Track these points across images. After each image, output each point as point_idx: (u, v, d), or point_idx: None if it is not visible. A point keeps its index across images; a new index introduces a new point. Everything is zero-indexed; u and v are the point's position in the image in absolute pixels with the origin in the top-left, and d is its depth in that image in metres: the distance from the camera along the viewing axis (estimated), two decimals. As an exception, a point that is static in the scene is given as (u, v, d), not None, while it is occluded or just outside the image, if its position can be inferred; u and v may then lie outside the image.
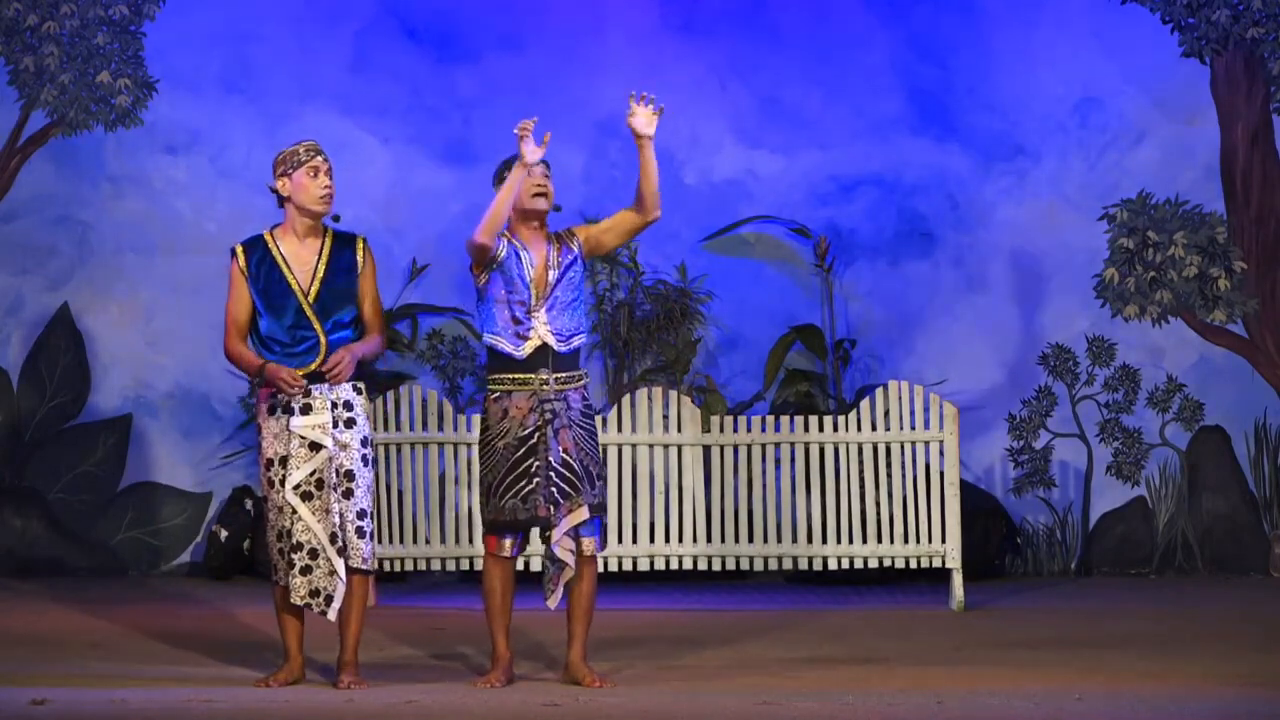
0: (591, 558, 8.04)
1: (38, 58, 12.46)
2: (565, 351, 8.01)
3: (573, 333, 8.04)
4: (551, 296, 8.01)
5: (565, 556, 7.98)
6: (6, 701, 7.46)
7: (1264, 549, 12.23)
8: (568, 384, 8.00)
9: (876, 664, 8.65)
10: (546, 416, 7.95)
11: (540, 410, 7.96)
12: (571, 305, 8.05)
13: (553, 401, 7.97)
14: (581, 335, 8.08)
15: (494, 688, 7.92)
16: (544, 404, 7.96)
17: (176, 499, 12.41)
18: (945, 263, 12.49)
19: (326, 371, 7.97)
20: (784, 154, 12.53)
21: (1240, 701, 7.53)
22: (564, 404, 7.98)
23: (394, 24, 12.57)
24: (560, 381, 7.98)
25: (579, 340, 8.07)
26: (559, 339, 8.00)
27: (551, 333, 7.99)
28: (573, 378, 8.02)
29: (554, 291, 8.01)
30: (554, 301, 8.01)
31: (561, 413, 7.97)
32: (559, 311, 8.01)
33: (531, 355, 7.98)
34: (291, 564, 7.93)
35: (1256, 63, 12.36)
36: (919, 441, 10.74)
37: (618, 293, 12.37)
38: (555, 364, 7.99)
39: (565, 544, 7.98)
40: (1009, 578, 12.11)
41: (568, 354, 8.02)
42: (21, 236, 12.50)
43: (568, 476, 7.95)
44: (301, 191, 8.06)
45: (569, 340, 8.02)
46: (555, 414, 7.96)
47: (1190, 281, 12.31)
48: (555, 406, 7.97)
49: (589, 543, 8.02)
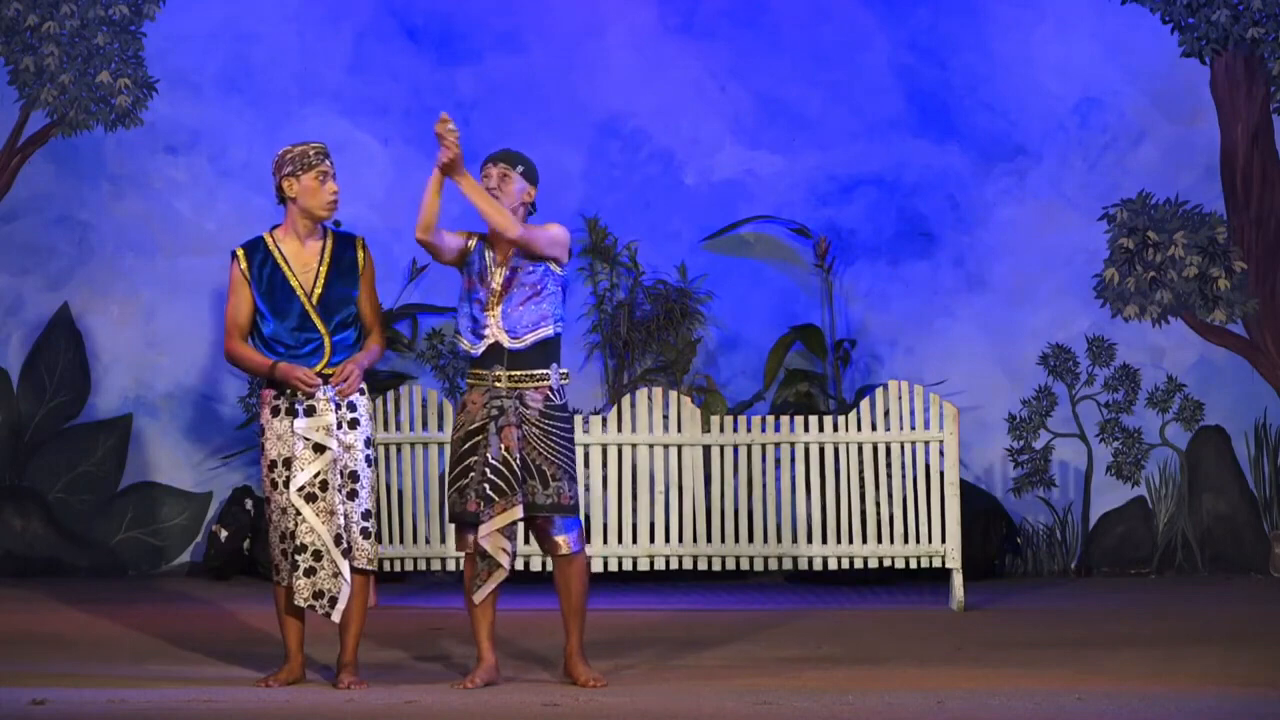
0: (568, 557, 8.02)
1: (38, 58, 12.46)
2: (520, 349, 7.97)
3: (530, 327, 7.98)
4: (506, 294, 8.00)
5: (497, 555, 7.95)
6: (6, 701, 7.46)
7: (1264, 549, 12.23)
8: (523, 383, 7.98)
9: (876, 664, 8.65)
10: (492, 413, 7.96)
11: (489, 407, 7.97)
12: (532, 300, 8.00)
13: (502, 399, 7.97)
14: (544, 328, 8.00)
15: (469, 689, 7.89)
16: (493, 400, 7.97)
17: (176, 499, 12.42)
18: (945, 263, 12.49)
19: (335, 385, 7.97)
20: (784, 154, 12.53)
21: (1240, 701, 7.53)
22: (516, 402, 7.97)
23: (394, 24, 12.58)
24: (513, 380, 7.97)
25: (540, 334, 7.98)
26: (512, 336, 7.97)
27: (504, 330, 7.98)
28: (530, 376, 7.99)
29: (508, 289, 8.00)
30: (509, 299, 8.00)
31: (510, 410, 7.95)
32: (514, 307, 7.99)
33: (486, 353, 7.99)
34: (295, 565, 7.93)
35: (1256, 63, 12.37)
36: (919, 441, 10.74)
37: (618, 293, 12.38)
38: (509, 362, 7.98)
39: (497, 542, 7.94)
40: (1009, 578, 12.11)
41: (524, 350, 7.97)
42: (21, 236, 12.51)
43: (503, 474, 7.92)
44: (310, 195, 8.05)
45: (523, 336, 7.97)
46: (502, 410, 7.95)
47: (1190, 281, 12.31)
48: (504, 404, 7.96)
49: (562, 541, 8.01)
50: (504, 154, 8.13)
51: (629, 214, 12.44)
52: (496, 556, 7.97)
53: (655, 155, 12.56)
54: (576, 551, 8.04)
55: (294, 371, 7.95)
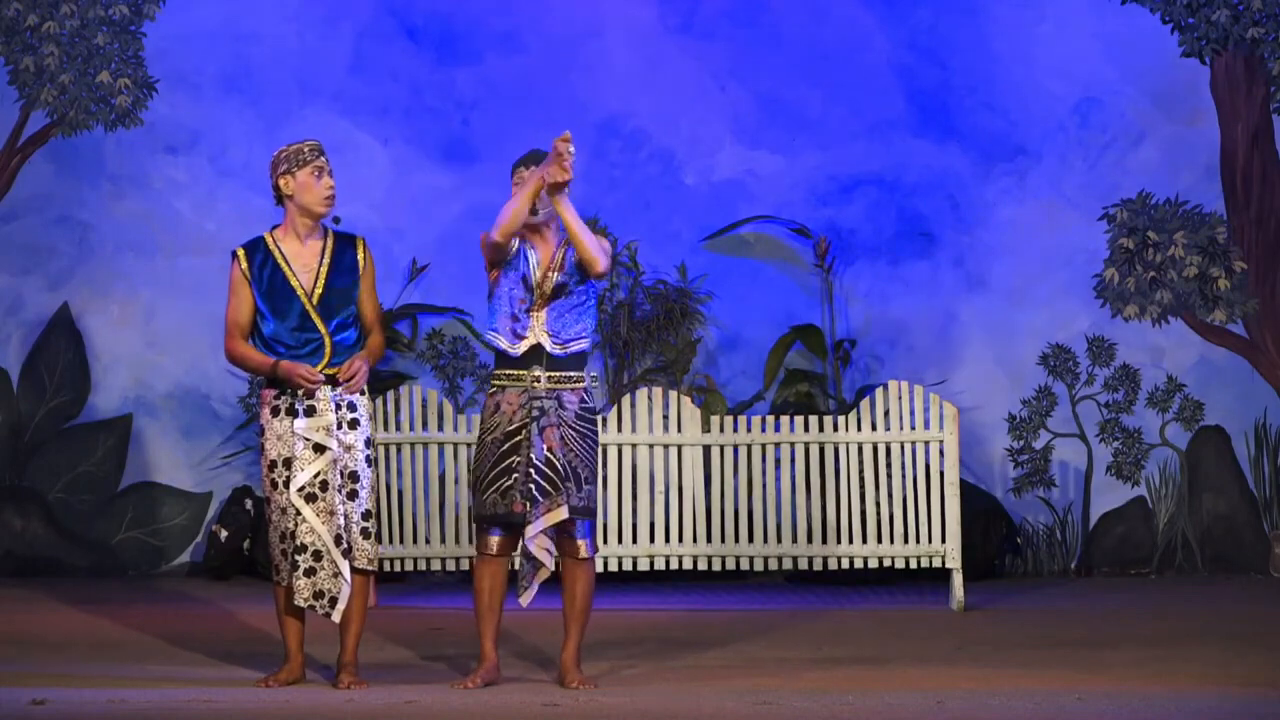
0: (585, 560, 8.02)
1: (38, 58, 12.46)
2: (560, 355, 7.98)
3: (572, 338, 7.99)
4: (553, 299, 7.99)
5: (541, 556, 7.94)
6: (6, 701, 7.46)
7: (1264, 549, 12.23)
8: (562, 384, 7.97)
9: (876, 664, 8.65)
10: (534, 414, 7.94)
11: (529, 407, 7.95)
12: (576, 310, 8.00)
13: (543, 399, 7.94)
14: (583, 341, 8.01)
15: (470, 689, 7.88)
16: (533, 401, 7.95)
17: (176, 499, 12.42)
18: (945, 263, 12.49)
19: (343, 380, 7.97)
20: (784, 154, 12.53)
21: (1240, 701, 7.53)
22: (555, 403, 7.95)
23: (394, 24, 12.57)
24: (553, 380, 7.96)
25: (579, 346, 8.00)
26: (555, 341, 7.96)
27: (548, 334, 7.97)
28: (568, 378, 7.98)
29: (555, 294, 7.99)
30: (555, 304, 7.99)
31: (551, 411, 7.94)
32: (559, 314, 7.98)
33: (526, 353, 7.96)
34: (295, 566, 7.93)
35: (1256, 63, 12.37)
36: (919, 441, 10.74)
37: (618, 293, 12.37)
38: (549, 364, 7.96)
39: (541, 543, 7.92)
40: (1009, 578, 12.11)
41: (563, 357, 7.98)
42: (21, 236, 12.51)
43: (549, 475, 7.91)
44: (306, 192, 8.05)
45: (566, 344, 7.97)
46: (543, 411, 7.94)
47: (1190, 281, 12.31)
48: (545, 404, 7.94)
49: (583, 545, 8.00)
50: (534, 155, 8.11)
51: (629, 214, 12.43)
52: (540, 557, 7.94)
53: (655, 155, 12.56)
54: (592, 555, 8.04)
55: (296, 369, 7.94)
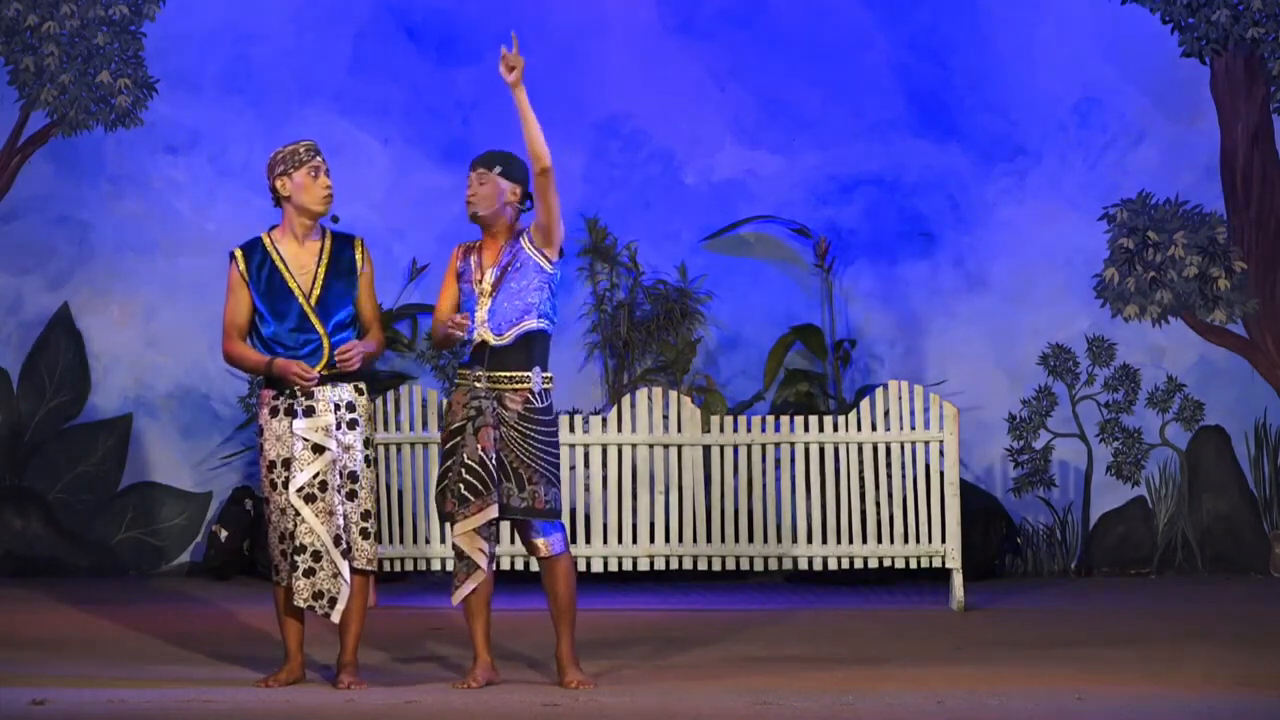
0: (551, 559, 8.01)
1: (38, 58, 12.46)
2: (503, 345, 7.96)
3: (514, 321, 7.96)
4: (494, 292, 8.00)
5: (475, 556, 7.96)
6: (6, 701, 7.47)
7: (1264, 549, 12.23)
8: (501, 384, 7.96)
9: (876, 664, 8.65)
10: (470, 414, 7.98)
11: (469, 407, 7.98)
12: (519, 293, 7.98)
13: (481, 399, 7.97)
14: (529, 322, 7.97)
15: (470, 689, 7.89)
16: (472, 401, 7.99)
17: (176, 499, 12.42)
18: (945, 263, 12.49)
19: (338, 356, 7.97)
20: (784, 154, 12.53)
21: (1240, 701, 7.53)
22: (494, 403, 7.97)
23: (394, 24, 12.57)
24: (493, 380, 7.96)
25: (525, 326, 7.96)
26: (496, 332, 7.97)
27: (488, 328, 7.99)
28: (510, 378, 7.96)
29: (496, 288, 8.00)
30: (496, 295, 8.00)
31: (488, 411, 7.95)
32: (499, 304, 7.98)
33: (473, 353, 8.03)
34: (294, 566, 7.93)
35: (1256, 63, 12.37)
36: (919, 441, 10.74)
37: (618, 293, 12.38)
38: (491, 362, 7.96)
39: (474, 542, 7.96)
40: (1009, 578, 12.11)
41: (507, 346, 7.95)
42: (21, 236, 12.51)
43: (479, 474, 7.93)
44: (303, 192, 8.05)
45: (506, 331, 7.97)
46: (480, 411, 7.96)
47: (1190, 281, 12.31)
48: (482, 404, 7.97)
49: (543, 544, 7.99)
50: (482, 157, 8.14)
51: (629, 214, 12.44)
52: (474, 557, 7.97)
53: (655, 155, 12.56)
54: (558, 553, 8.01)
55: (291, 366, 7.95)
